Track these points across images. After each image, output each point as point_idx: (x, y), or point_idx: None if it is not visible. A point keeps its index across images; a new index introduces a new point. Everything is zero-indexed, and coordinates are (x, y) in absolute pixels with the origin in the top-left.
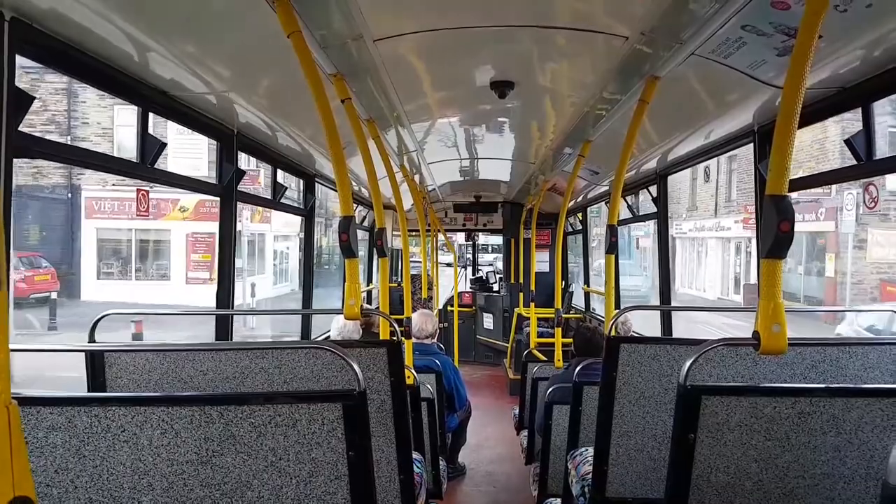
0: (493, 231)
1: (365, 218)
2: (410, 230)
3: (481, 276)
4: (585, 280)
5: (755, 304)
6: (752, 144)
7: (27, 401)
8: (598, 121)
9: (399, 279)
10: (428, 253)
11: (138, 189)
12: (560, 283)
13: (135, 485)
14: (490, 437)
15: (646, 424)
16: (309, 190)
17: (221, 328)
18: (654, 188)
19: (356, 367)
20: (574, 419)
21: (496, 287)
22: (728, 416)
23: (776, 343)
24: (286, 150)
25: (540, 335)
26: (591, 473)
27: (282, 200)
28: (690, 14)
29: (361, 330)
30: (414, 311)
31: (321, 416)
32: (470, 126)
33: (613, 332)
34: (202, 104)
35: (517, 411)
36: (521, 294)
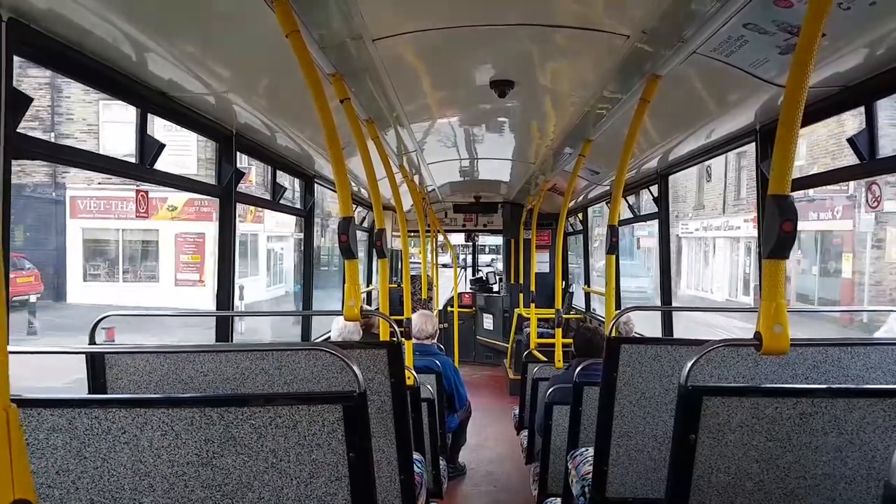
0: (494, 231)
1: (364, 219)
2: (410, 231)
3: (481, 277)
4: (586, 280)
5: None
6: (754, 144)
7: (27, 403)
8: (599, 120)
9: (399, 280)
10: (427, 253)
11: (137, 190)
12: (560, 284)
13: (135, 486)
14: (490, 438)
15: (646, 425)
16: (308, 191)
17: (222, 329)
18: (655, 188)
19: (356, 368)
20: (574, 419)
21: (496, 288)
22: (729, 416)
23: (778, 343)
24: (285, 151)
25: (540, 336)
26: (591, 473)
27: (279, 201)
28: (692, 12)
29: (361, 331)
30: (414, 311)
31: (321, 418)
32: (470, 126)
33: (614, 333)
34: (201, 105)
35: (517, 411)
36: (522, 294)
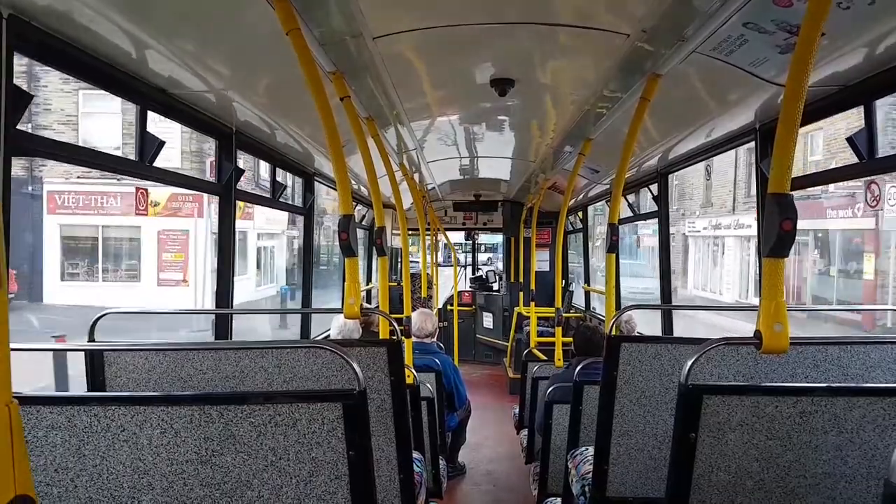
0: (494, 230)
1: (364, 217)
2: (410, 229)
3: (481, 276)
4: (586, 279)
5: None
6: (754, 143)
7: (27, 400)
8: (599, 119)
9: (399, 278)
10: (427, 252)
11: (137, 188)
12: (560, 283)
13: (134, 484)
14: (490, 437)
15: (646, 424)
16: (308, 189)
17: (221, 327)
18: (655, 186)
19: (356, 366)
20: (574, 418)
21: (496, 286)
22: (729, 415)
23: (778, 342)
24: (285, 149)
25: (540, 334)
26: (591, 473)
27: (280, 199)
28: (692, 11)
29: (361, 329)
30: (413, 310)
31: (321, 416)
32: (470, 124)
33: (615, 332)
34: (201, 102)
35: (517, 410)
36: (522, 293)
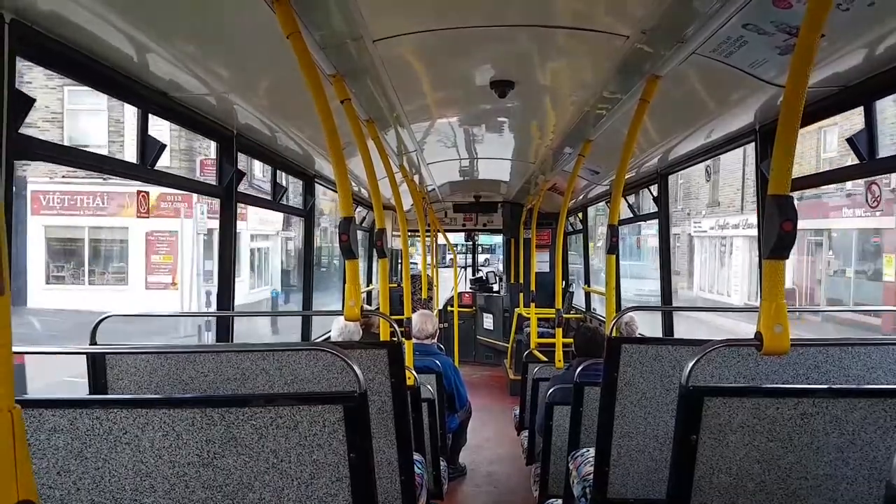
0: (494, 231)
1: (364, 218)
2: (410, 230)
3: (481, 277)
4: (586, 280)
5: (796, 315)
6: (754, 144)
7: (29, 403)
8: (599, 120)
9: (399, 280)
10: (427, 253)
11: (139, 191)
12: (560, 284)
13: (136, 487)
14: (490, 438)
15: (647, 425)
16: (308, 191)
17: (222, 330)
18: (655, 187)
19: (357, 368)
20: (575, 420)
21: (496, 287)
22: (730, 416)
23: (778, 343)
24: (286, 151)
25: (540, 335)
26: (592, 474)
27: (280, 201)
28: (691, 13)
29: (362, 331)
30: (414, 311)
31: (322, 418)
32: (470, 126)
33: (616, 333)
34: (202, 105)
35: (518, 412)
36: (522, 294)
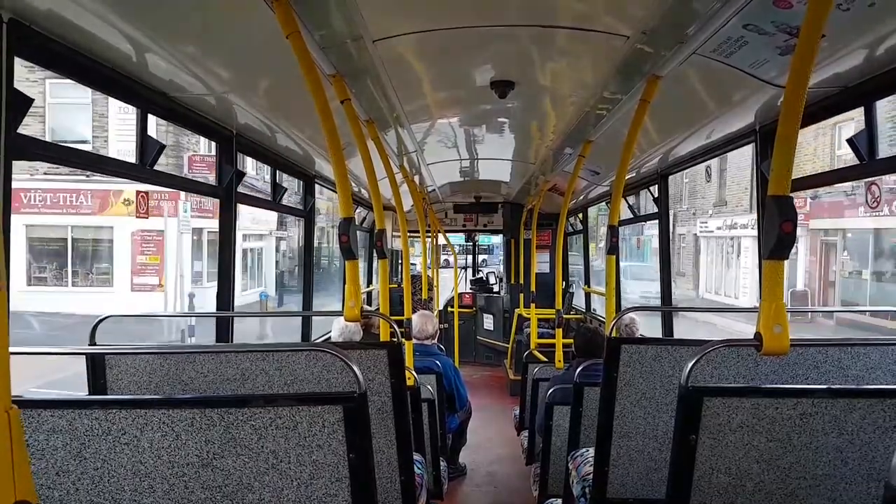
0: (494, 231)
1: (364, 219)
2: (410, 231)
3: (481, 277)
4: (586, 280)
5: (806, 316)
6: (754, 144)
7: (28, 404)
8: (599, 121)
9: (399, 280)
10: (428, 253)
11: (138, 191)
12: (560, 284)
13: (136, 487)
14: (490, 438)
15: (647, 425)
16: (308, 191)
17: (222, 330)
18: (655, 188)
19: (356, 368)
20: (575, 420)
21: (496, 288)
22: (730, 417)
23: (778, 344)
24: (285, 152)
25: (540, 336)
26: (591, 474)
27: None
28: (692, 13)
29: (362, 331)
30: (414, 312)
31: (322, 419)
32: (470, 126)
33: (615, 333)
34: (201, 105)
35: (518, 412)
36: (522, 295)
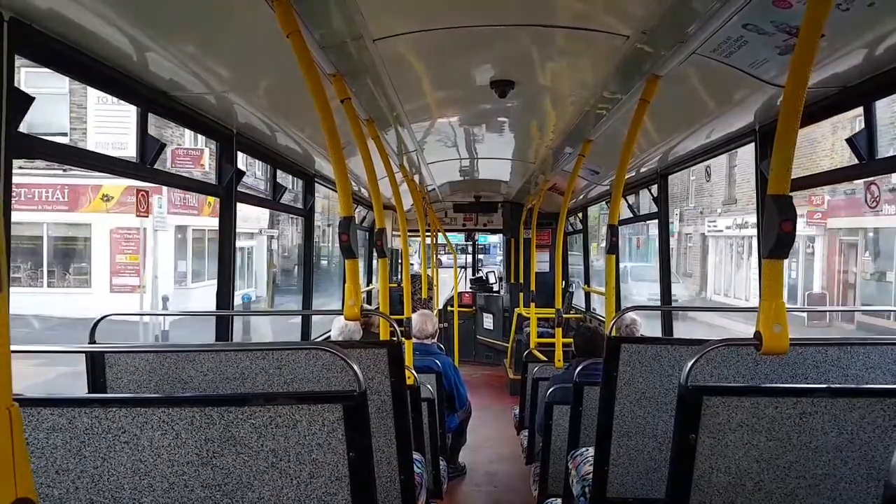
0: (494, 231)
1: (364, 218)
2: (410, 230)
3: (481, 277)
4: (586, 280)
5: (824, 319)
6: (754, 144)
7: (28, 402)
8: (599, 120)
9: (399, 279)
10: (427, 253)
11: (138, 190)
12: (560, 283)
13: (135, 486)
14: (490, 437)
15: (647, 425)
16: (308, 190)
17: (221, 329)
18: (655, 188)
19: (356, 367)
20: (574, 419)
21: (496, 287)
22: (729, 416)
23: (778, 343)
24: (286, 151)
25: (540, 335)
26: (591, 473)
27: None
28: (691, 13)
29: (362, 330)
30: (414, 311)
31: (322, 417)
32: (470, 126)
33: (615, 333)
34: (202, 104)
35: (517, 411)
36: (522, 294)
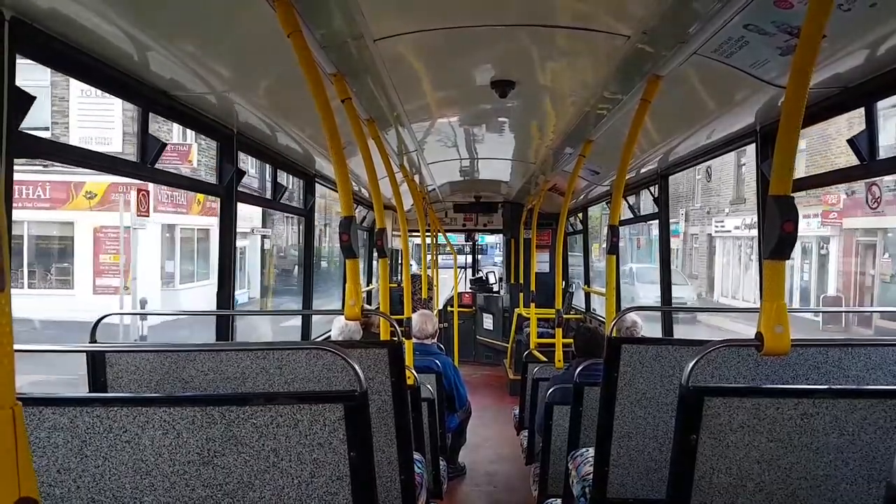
0: (494, 231)
1: (365, 218)
2: (410, 230)
3: (481, 277)
4: (586, 281)
5: (840, 324)
6: (755, 144)
7: (30, 401)
8: (599, 120)
9: (399, 279)
10: (428, 253)
11: (138, 189)
12: (560, 284)
13: (137, 485)
14: (490, 438)
15: (647, 425)
16: (309, 190)
17: (222, 329)
18: (655, 188)
19: (357, 367)
20: (575, 420)
21: (496, 287)
22: (730, 417)
23: (779, 344)
24: (286, 151)
25: (540, 335)
26: (591, 474)
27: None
28: (692, 13)
29: (362, 330)
30: (414, 311)
31: (322, 417)
32: (470, 126)
33: (615, 333)
34: (202, 104)
35: (517, 411)
36: (522, 294)
